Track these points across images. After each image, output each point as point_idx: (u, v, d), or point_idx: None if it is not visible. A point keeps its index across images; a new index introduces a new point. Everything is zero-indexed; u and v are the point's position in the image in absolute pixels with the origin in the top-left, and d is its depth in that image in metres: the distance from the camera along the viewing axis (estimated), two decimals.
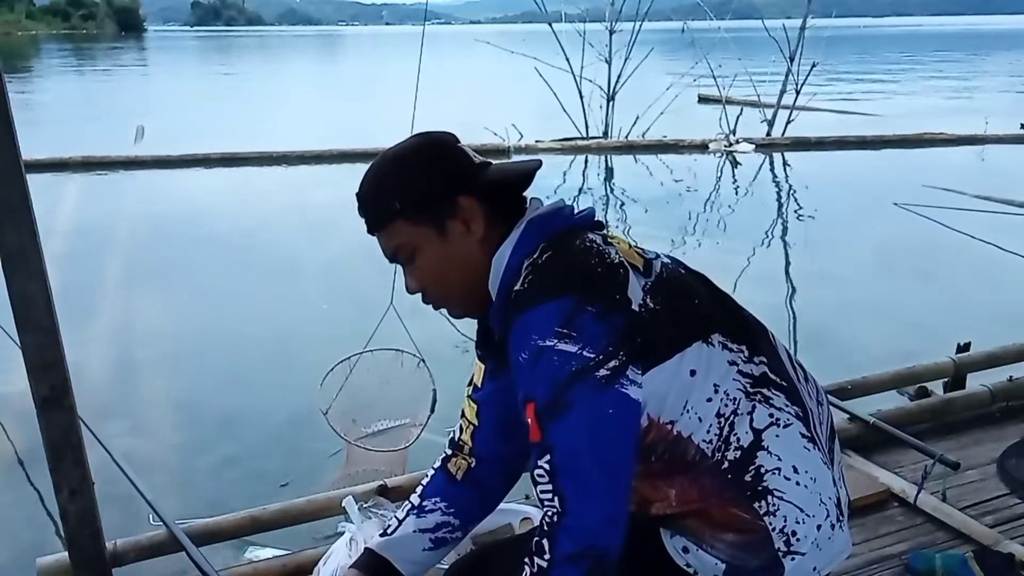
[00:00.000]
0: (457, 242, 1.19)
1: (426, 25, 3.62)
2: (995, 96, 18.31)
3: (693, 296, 1.18)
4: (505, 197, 1.21)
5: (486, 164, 1.22)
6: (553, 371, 1.04)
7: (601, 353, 1.04)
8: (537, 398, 1.06)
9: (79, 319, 4.62)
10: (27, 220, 1.61)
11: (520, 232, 1.16)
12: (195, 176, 9.97)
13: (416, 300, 1.25)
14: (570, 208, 1.21)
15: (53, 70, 33.10)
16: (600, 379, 1.04)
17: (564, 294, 1.06)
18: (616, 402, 1.05)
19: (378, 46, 64.29)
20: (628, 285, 1.09)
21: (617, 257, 1.11)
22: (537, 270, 1.10)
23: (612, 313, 1.06)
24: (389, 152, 1.26)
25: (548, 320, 1.05)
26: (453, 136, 1.24)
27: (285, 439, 3.43)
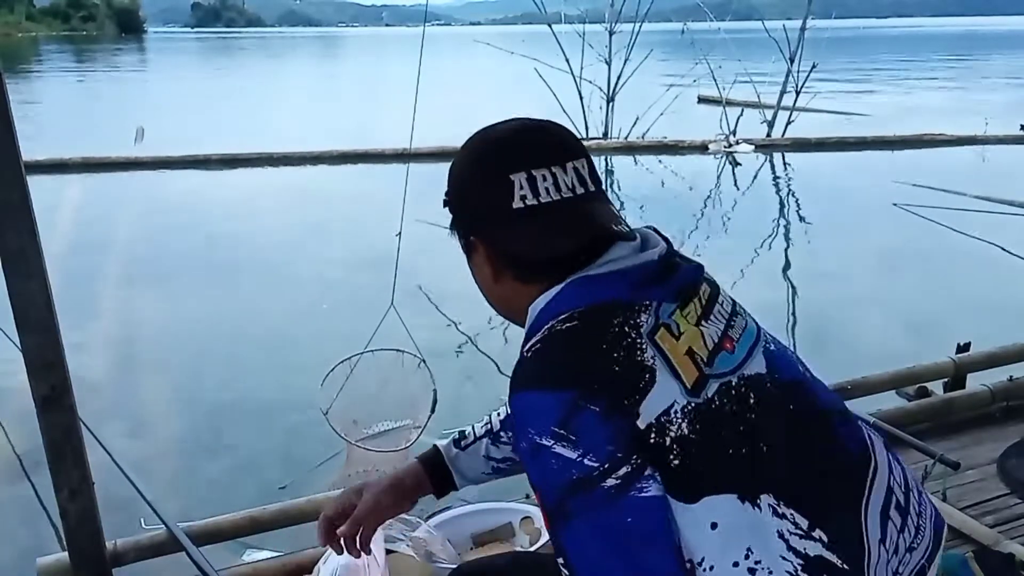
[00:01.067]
0: (479, 272, 1.11)
1: (426, 26, 3.63)
2: (995, 97, 18.31)
3: (756, 439, 0.96)
4: (547, 263, 1.02)
5: (546, 210, 1.00)
6: (553, 475, 0.91)
7: (607, 461, 0.89)
8: (541, 496, 0.94)
9: (79, 320, 4.62)
10: (27, 220, 1.61)
11: (561, 289, 1.00)
12: (195, 177, 9.97)
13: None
14: (641, 272, 1.00)
15: (53, 72, 33.11)
16: (609, 489, 0.89)
17: (564, 387, 0.92)
18: (635, 508, 0.90)
19: (378, 47, 64.33)
20: (647, 395, 0.91)
21: (650, 359, 0.93)
22: (547, 344, 0.98)
23: (616, 416, 0.90)
24: (472, 140, 1.11)
25: (545, 414, 0.92)
26: (518, 156, 1.02)
27: (285, 440, 3.43)
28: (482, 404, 3.70)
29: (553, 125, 1.09)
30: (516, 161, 1.01)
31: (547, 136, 1.06)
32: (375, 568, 1.71)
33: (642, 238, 1.05)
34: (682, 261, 1.06)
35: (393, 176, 6.38)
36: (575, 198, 1.01)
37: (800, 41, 12.02)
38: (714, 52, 13.20)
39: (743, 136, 11.60)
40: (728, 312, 1.06)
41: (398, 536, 1.82)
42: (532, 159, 1.01)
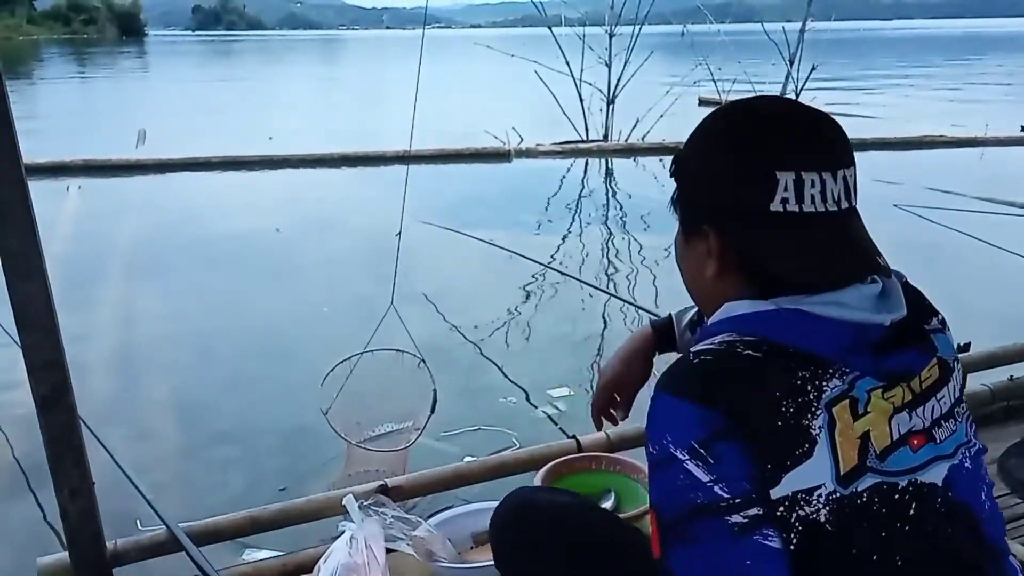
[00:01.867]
0: (694, 257, 1.00)
1: (426, 29, 3.63)
2: (995, 98, 18.32)
3: (894, 550, 0.87)
4: (780, 276, 0.91)
5: (804, 220, 0.89)
6: (677, 492, 0.84)
7: (739, 497, 0.82)
8: (659, 511, 0.87)
9: (79, 320, 4.62)
10: (27, 221, 1.61)
11: (766, 308, 0.90)
12: (196, 179, 9.98)
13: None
14: (860, 335, 0.88)
15: (54, 74, 33.14)
16: (733, 526, 0.82)
17: (718, 412, 0.83)
18: (756, 554, 0.82)
19: (378, 50, 64.39)
20: (797, 467, 0.83)
21: (816, 429, 0.84)
22: (721, 361, 0.87)
23: (760, 470, 0.82)
24: (730, 113, 1.00)
25: (689, 427, 0.84)
26: (790, 149, 0.91)
27: (285, 441, 3.43)
28: (482, 404, 3.70)
29: (828, 120, 0.95)
30: (786, 157, 0.89)
31: (823, 134, 0.93)
32: (375, 567, 1.71)
33: (884, 290, 0.94)
34: (918, 337, 0.94)
35: (393, 178, 6.40)
36: (839, 213, 0.90)
37: (799, 43, 12.03)
38: (714, 54, 13.21)
39: None
40: (943, 411, 0.94)
41: (398, 535, 1.82)
42: (804, 158, 0.89)
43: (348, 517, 1.83)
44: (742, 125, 0.96)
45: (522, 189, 9.67)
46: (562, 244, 6.84)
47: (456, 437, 3.28)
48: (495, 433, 3.39)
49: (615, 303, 5.20)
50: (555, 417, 3.61)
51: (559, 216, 7.99)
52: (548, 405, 3.72)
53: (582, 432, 2.44)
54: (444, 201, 7.93)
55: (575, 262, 6.29)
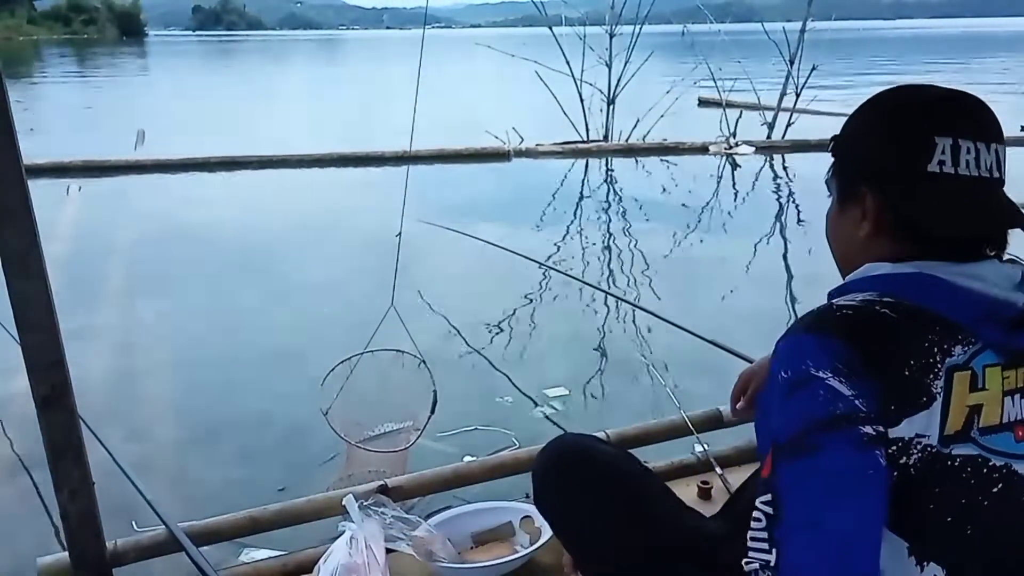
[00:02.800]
0: (848, 222, 1.06)
1: (426, 29, 3.63)
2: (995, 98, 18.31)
3: (969, 520, 0.92)
4: (932, 236, 0.98)
5: (958, 183, 0.96)
6: (813, 407, 0.89)
7: (874, 412, 0.88)
8: (781, 431, 0.91)
9: (79, 323, 4.63)
10: (27, 221, 1.62)
11: (908, 273, 0.96)
12: (195, 180, 9.98)
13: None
14: (992, 308, 0.94)
15: (54, 74, 33.15)
16: (863, 436, 0.87)
17: (858, 349, 0.90)
18: (876, 466, 0.87)
19: (379, 50, 64.40)
20: (915, 415, 0.89)
21: (937, 389, 0.90)
22: (860, 315, 0.93)
23: (884, 409, 0.88)
24: (899, 91, 1.06)
25: (832, 353, 0.90)
26: (950, 119, 0.98)
27: (285, 441, 3.43)
28: (482, 404, 3.70)
29: (983, 103, 1.03)
30: (946, 124, 0.97)
31: (979, 110, 1.02)
32: (375, 567, 1.71)
33: (1023, 277, 0.99)
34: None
35: (393, 178, 6.41)
36: (990, 180, 0.98)
37: (800, 43, 12.03)
38: (714, 54, 13.20)
39: (743, 138, 11.61)
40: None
41: (398, 535, 1.82)
42: (962, 127, 0.97)
43: (348, 517, 1.83)
44: (907, 98, 1.04)
45: (522, 189, 9.67)
46: (562, 244, 6.84)
47: (453, 437, 3.28)
48: (492, 433, 3.39)
49: (614, 303, 5.20)
50: (552, 417, 3.61)
51: (559, 216, 7.99)
52: (545, 405, 3.72)
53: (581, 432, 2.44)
54: (444, 201, 7.93)
55: (575, 262, 6.29)
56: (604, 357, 4.43)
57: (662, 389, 3.61)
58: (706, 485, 2.21)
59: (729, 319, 4.73)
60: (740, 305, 5.09)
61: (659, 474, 2.05)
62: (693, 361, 3.96)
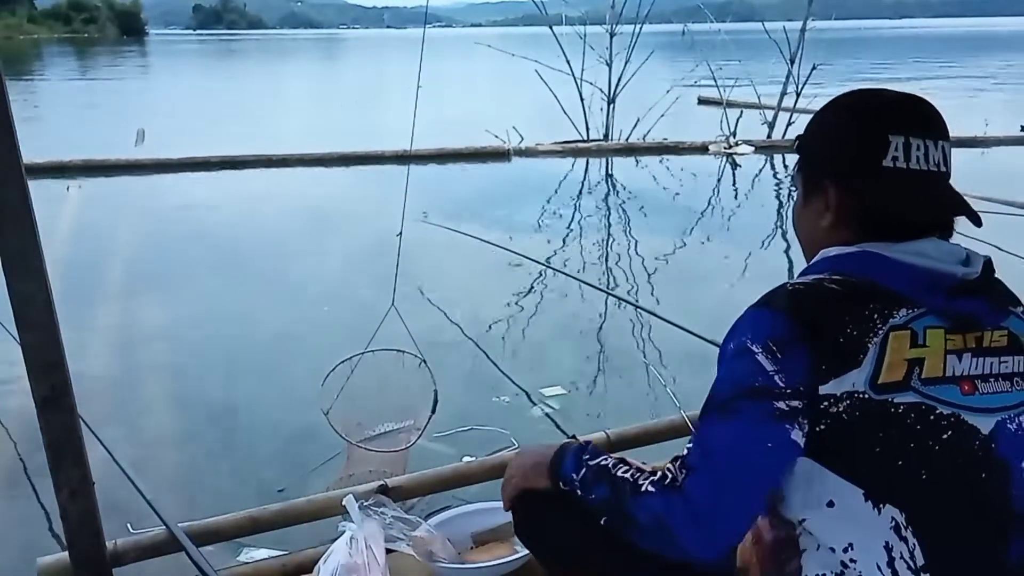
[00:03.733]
0: (811, 215, 1.19)
1: (427, 28, 3.63)
2: (995, 98, 18.31)
3: (923, 465, 1.01)
4: (887, 225, 1.10)
5: (910, 176, 1.08)
6: (741, 375, 1.04)
7: (790, 387, 1.01)
8: (716, 392, 1.07)
9: (79, 322, 4.63)
10: (27, 221, 1.61)
11: (853, 252, 1.10)
12: (195, 179, 9.98)
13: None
14: (933, 279, 1.05)
15: (54, 73, 33.14)
16: (774, 411, 1.01)
17: (797, 320, 1.03)
18: (777, 438, 1.01)
19: (379, 49, 64.39)
20: (846, 373, 1.00)
21: (872, 344, 1.00)
22: (808, 290, 1.07)
23: (815, 371, 1.01)
24: (856, 94, 1.20)
25: (768, 328, 1.04)
26: (902, 120, 1.10)
27: (285, 441, 3.43)
28: (480, 404, 3.70)
29: (931, 105, 1.15)
30: (898, 124, 1.09)
31: (926, 110, 1.14)
32: (375, 567, 1.71)
33: (967, 256, 1.11)
34: (991, 299, 1.08)
35: (393, 178, 6.40)
36: (939, 173, 1.10)
37: (800, 42, 12.03)
38: (714, 53, 13.20)
39: (743, 137, 11.60)
40: (1003, 372, 1.07)
41: (398, 536, 1.82)
42: (912, 126, 1.09)
43: (348, 517, 1.83)
44: (862, 101, 1.17)
45: (522, 189, 9.67)
46: (562, 244, 6.84)
47: (450, 437, 3.27)
48: (489, 432, 3.38)
49: (614, 302, 5.20)
50: (551, 416, 3.60)
51: (559, 216, 7.99)
52: (542, 404, 3.71)
53: (581, 432, 2.45)
54: (444, 201, 7.93)
55: (575, 262, 6.29)
56: (604, 357, 4.43)
57: (662, 389, 3.62)
58: None
59: (729, 319, 4.72)
60: (740, 305, 5.07)
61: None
62: (693, 361, 3.96)
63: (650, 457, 2.30)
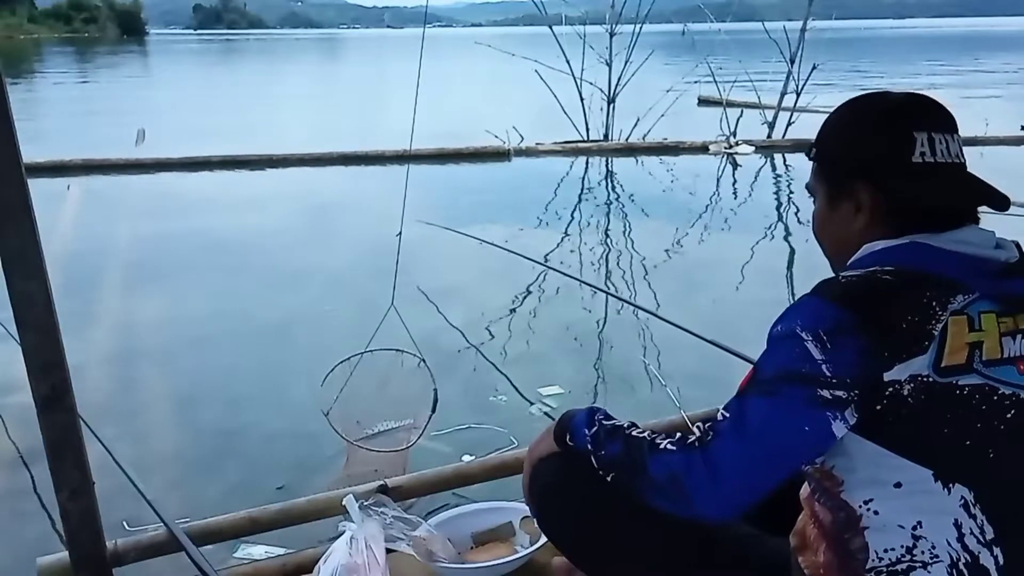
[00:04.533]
0: (840, 218, 1.19)
1: (427, 28, 3.62)
2: (995, 97, 18.30)
3: (989, 441, 1.05)
4: (923, 217, 1.12)
5: (939, 169, 1.11)
6: (787, 359, 1.05)
7: (836, 378, 1.02)
8: (760, 369, 1.08)
9: (79, 322, 4.62)
10: (27, 220, 1.61)
11: (900, 243, 1.11)
12: (195, 179, 9.98)
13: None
14: (980, 264, 1.08)
15: (54, 73, 33.13)
16: (817, 397, 1.02)
17: (850, 310, 1.03)
18: (815, 424, 1.03)
19: (379, 49, 64.37)
20: (912, 359, 1.01)
21: (936, 330, 1.02)
22: (863, 280, 1.07)
23: (872, 358, 1.01)
24: (868, 97, 1.22)
25: (820, 318, 1.04)
26: (921, 117, 1.13)
27: (285, 441, 3.43)
28: (483, 404, 3.70)
29: (940, 103, 1.17)
30: (919, 121, 1.12)
31: (940, 108, 1.16)
32: (375, 567, 1.71)
33: (998, 241, 1.14)
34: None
35: (393, 177, 6.41)
36: (961, 164, 1.14)
37: (800, 42, 12.03)
38: (715, 53, 13.19)
39: (744, 137, 11.60)
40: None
41: (398, 536, 1.82)
42: (933, 123, 1.13)
43: (348, 517, 1.83)
44: (880, 104, 1.19)
45: (522, 188, 9.67)
46: (562, 244, 6.84)
47: (447, 436, 3.26)
48: (487, 431, 3.38)
49: (614, 302, 5.20)
50: (550, 415, 3.60)
51: (559, 216, 7.99)
52: (540, 403, 3.71)
53: None
54: (444, 201, 7.93)
55: (575, 262, 6.29)
56: (603, 357, 4.43)
57: (662, 389, 3.61)
58: None
59: (729, 318, 4.73)
60: (740, 304, 5.09)
61: None
62: (693, 361, 3.96)
63: None
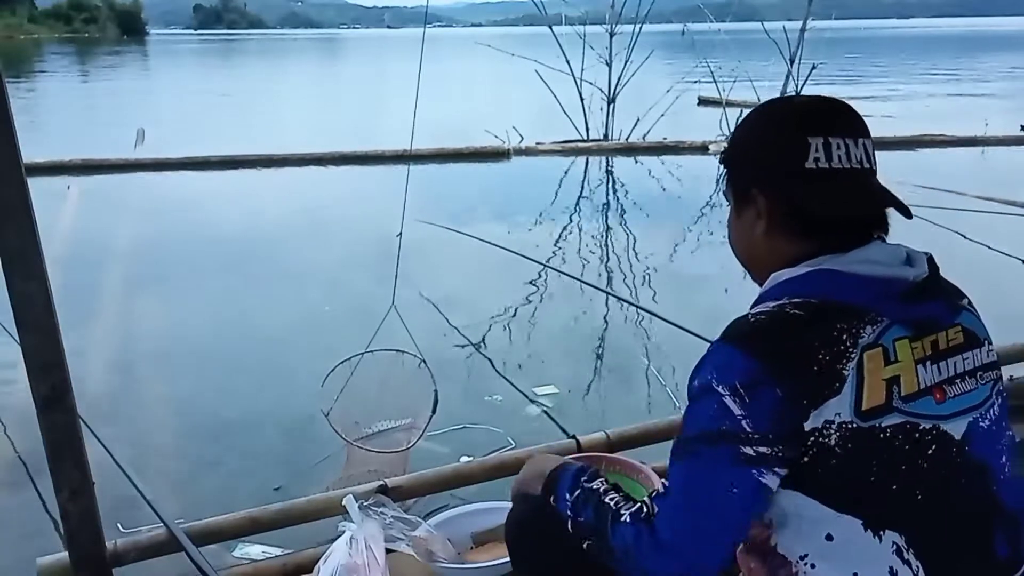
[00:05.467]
0: (745, 225, 1.16)
1: (427, 28, 3.62)
2: (995, 97, 18.29)
3: (915, 484, 1.01)
4: (820, 224, 1.09)
5: (834, 175, 1.07)
6: (706, 417, 1.01)
7: (757, 433, 0.98)
8: (683, 428, 1.06)
9: (78, 322, 4.62)
10: (27, 220, 1.61)
11: (807, 273, 1.07)
12: (195, 179, 9.98)
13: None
14: (888, 286, 1.04)
15: (54, 73, 33.12)
16: (740, 455, 0.98)
17: (763, 359, 0.99)
18: (743, 482, 0.99)
19: (379, 49, 64.36)
20: (826, 402, 0.97)
21: (848, 370, 0.98)
22: (771, 319, 1.03)
23: (791, 407, 0.97)
24: (773, 103, 1.23)
25: (735, 370, 1.00)
26: (819, 122, 1.09)
27: (285, 441, 3.43)
28: (479, 403, 3.70)
29: (848, 106, 1.14)
30: (816, 126, 1.08)
31: (843, 111, 1.13)
32: (375, 568, 1.71)
33: (908, 255, 1.11)
34: (943, 297, 1.10)
35: (393, 177, 6.40)
36: (863, 170, 1.10)
37: (800, 42, 12.02)
38: (714, 53, 13.19)
39: None
40: (967, 369, 1.08)
41: (398, 536, 1.82)
42: (830, 127, 1.08)
43: (348, 517, 1.83)
44: (779, 109, 1.20)
45: (522, 188, 9.67)
46: (561, 243, 6.84)
47: (443, 436, 3.26)
48: (482, 431, 3.38)
49: (614, 302, 5.20)
50: (540, 415, 3.60)
51: (559, 215, 7.99)
52: (534, 403, 3.71)
53: (580, 431, 2.45)
54: (444, 200, 7.93)
55: (574, 261, 6.28)
56: (603, 356, 4.43)
57: (662, 389, 3.62)
58: None
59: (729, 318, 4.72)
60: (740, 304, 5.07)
61: (659, 474, 2.04)
62: (693, 361, 3.94)
63: (650, 457, 2.31)
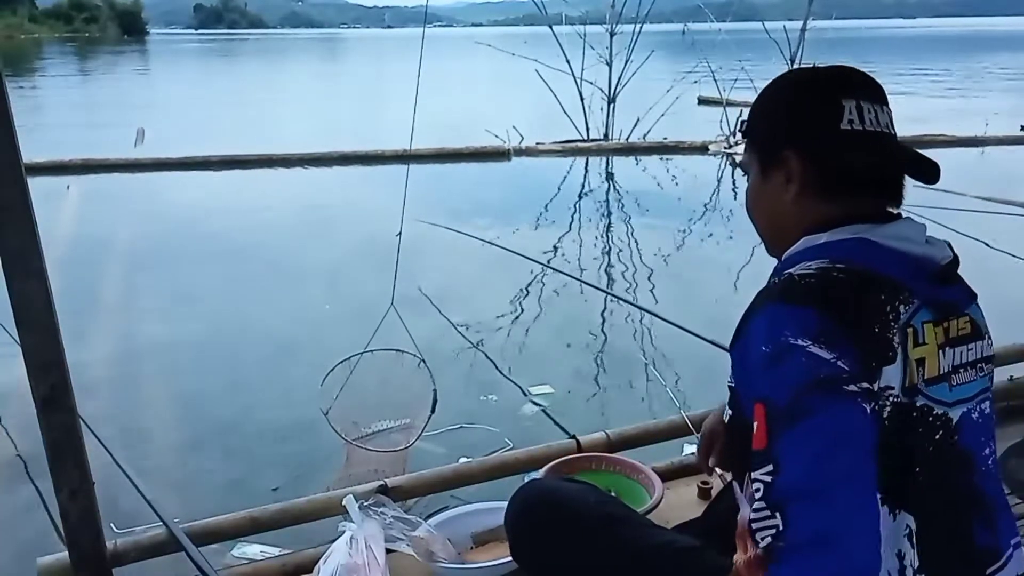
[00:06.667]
0: (772, 190, 1.15)
1: (427, 27, 3.62)
2: (995, 98, 18.28)
3: (924, 467, 1.00)
4: (853, 185, 1.09)
5: (867, 137, 1.08)
6: (798, 373, 0.92)
7: (856, 369, 0.92)
8: (772, 401, 0.94)
9: (78, 322, 4.62)
10: (27, 220, 1.61)
11: (844, 238, 1.05)
12: (195, 179, 9.98)
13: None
14: (921, 266, 1.03)
15: (54, 72, 33.12)
16: (851, 394, 0.92)
17: (832, 313, 0.95)
18: (863, 419, 0.92)
19: (379, 49, 64.35)
20: (885, 367, 0.95)
21: (896, 343, 0.96)
22: (823, 279, 0.99)
23: (868, 364, 0.94)
24: (797, 71, 1.26)
25: (806, 322, 0.94)
26: (849, 86, 1.11)
27: (284, 442, 3.43)
28: (482, 404, 3.70)
29: (869, 75, 1.16)
30: (847, 90, 1.10)
31: (869, 79, 1.15)
32: (375, 568, 1.71)
33: (928, 240, 1.09)
34: (962, 283, 1.10)
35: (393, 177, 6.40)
36: (890, 134, 1.12)
37: (800, 42, 12.02)
38: (715, 53, 13.19)
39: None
40: (970, 360, 1.07)
41: (398, 536, 1.82)
42: (860, 92, 1.10)
43: (348, 517, 1.83)
44: (806, 75, 1.19)
45: (522, 188, 9.67)
46: (562, 243, 6.84)
47: (441, 435, 3.26)
48: (479, 431, 3.38)
49: (613, 302, 5.20)
50: (536, 415, 3.60)
51: (559, 215, 7.99)
52: (530, 403, 3.71)
53: (580, 431, 2.45)
54: (444, 200, 7.93)
55: (574, 261, 6.29)
56: (604, 356, 4.43)
57: (662, 389, 3.61)
58: (706, 485, 2.21)
59: (729, 318, 4.72)
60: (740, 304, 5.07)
61: (659, 474, 2.05)
62: (693, 360, 3.96)
63: (650, 457, 2.31)
